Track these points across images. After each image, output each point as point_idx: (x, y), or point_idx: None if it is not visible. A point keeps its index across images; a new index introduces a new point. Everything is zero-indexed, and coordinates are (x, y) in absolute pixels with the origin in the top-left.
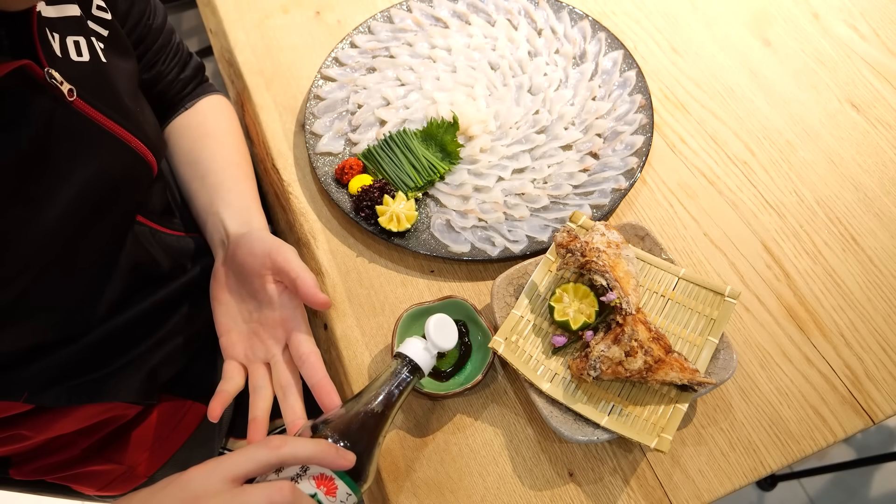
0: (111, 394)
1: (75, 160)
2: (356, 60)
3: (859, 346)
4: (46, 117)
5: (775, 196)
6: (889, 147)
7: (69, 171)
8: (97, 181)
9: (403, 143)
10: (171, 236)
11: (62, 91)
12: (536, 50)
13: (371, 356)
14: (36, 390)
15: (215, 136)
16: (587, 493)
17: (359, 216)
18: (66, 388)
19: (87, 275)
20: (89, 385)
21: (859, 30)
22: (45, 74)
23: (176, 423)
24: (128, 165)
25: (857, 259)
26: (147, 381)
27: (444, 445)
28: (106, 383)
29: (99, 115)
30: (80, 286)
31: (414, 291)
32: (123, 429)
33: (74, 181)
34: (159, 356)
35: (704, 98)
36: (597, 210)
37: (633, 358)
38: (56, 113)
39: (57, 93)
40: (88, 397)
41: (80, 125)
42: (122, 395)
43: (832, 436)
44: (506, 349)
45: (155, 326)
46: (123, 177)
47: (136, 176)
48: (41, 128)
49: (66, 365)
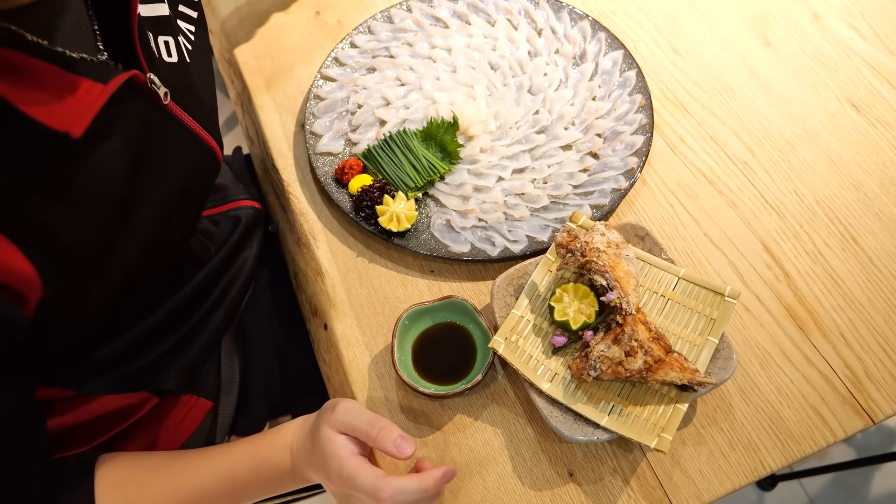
0: (156, 382)
1: (166, 160)
2: (356, 60)
3: (859, 346)
4: (144, 120)
5: (775, 196)
6: (889, 147)
7: (162, 171)
8: (183, 179)
9: (403, 143)
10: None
11: (159, 95)
12: (536, 50)
13: (371, 356)
14: (84, 381)
15: None
16: (587, 493)
17: (359, 216)
18: (112, 378)
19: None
20: (135, 375)
21: (859, 30)
22: (147, 80)
23: (182, 417)
24: (204, 162)
25: (857, 259)
26: (188, 369)
27: (444, 445)
28: (150, 373)
29: (187, 118)
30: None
31: (414, 291)
32: (148, 423)
33: (165, 180)
34: (198, 344)
35: (704, 98)
36: (597, 210)
37: (633, 358)
38: (152, 116)
39: (155, 97)
40: (133, 386)
41: (171, 127)
42: (166, 382)
43: (832, 436)
44: (506, 349)
45: (192, 312)
46: (201, 173)
47: (209, 171)
48: (140, 130)
49: (114, 356)
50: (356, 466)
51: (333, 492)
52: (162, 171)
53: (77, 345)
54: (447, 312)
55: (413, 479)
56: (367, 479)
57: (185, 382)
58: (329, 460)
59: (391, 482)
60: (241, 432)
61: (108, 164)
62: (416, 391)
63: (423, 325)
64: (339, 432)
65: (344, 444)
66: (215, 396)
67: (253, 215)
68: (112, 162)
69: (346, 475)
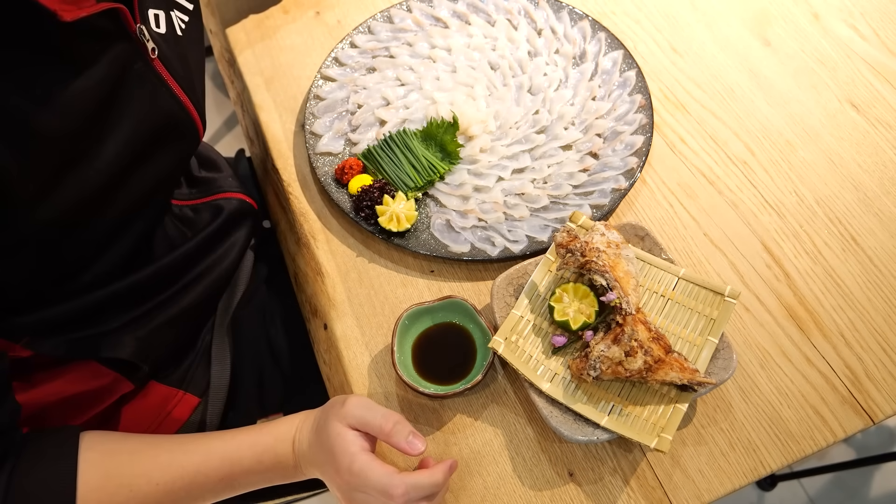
0: (108, 350)
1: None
2: (356, 60)
3: (859, 346)
4: (126, 64)
5: (775, 196)
6: (889, 147)
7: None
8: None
9: (403, 143)
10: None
11: (147, 47)
12: (536, 50)
13: (371, 356)
14: (37, 336)
15: None
16: (587, 493)
17: (359, 216)
18: (65, 339)
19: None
20: (87, 340)
21: (859, 30)
22: (136, 29)
23: (167, 412)
24: (180, 126)
25: (857, 259)
26: (143, 343)
27: (444, 445)
28: (103, 341)
29: (171, 79)
30: (104, 236)
31: (414, 291)
32: (115, 411)
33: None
34: (158, 321)
35: (704, 98)
36: (597, 210)
37: (633, 358)
38: (136, 65)
39: (142, 48)
40: (85, 352)
41: (152, 80)
42: (118, 351)
43: (832, 436)
44: (506, 349)
45: (155, 293)
46: (174, 135)
47: (185, 138)
48: (120, 72)
49: (68, 317)
50: (367, 462)
51: (339, 486)
52: (135, 116)
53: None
54: (447, 312)
55: (424, 474)
56: (378, 476)
57: (141, 355)
58: (339, 456)
59: (404, 479)
60: None
61: (85, 91)
62: (416, 391)
63: (423, 325)
64: (349, 427)
65: (355, 440)
66: (203, 392)
67: (237, 206)
68: (90, 89)
69: (356, 471)
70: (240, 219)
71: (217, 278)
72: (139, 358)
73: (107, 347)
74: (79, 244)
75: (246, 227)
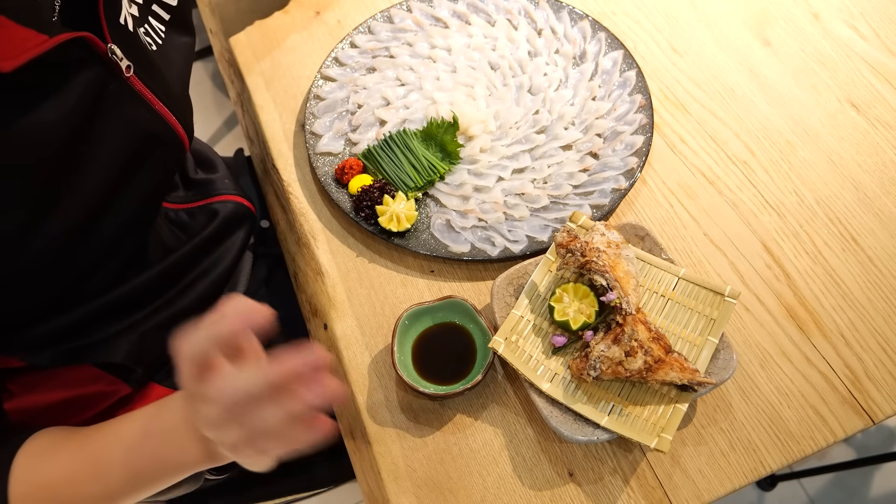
0: (101, 355)
1: (120, 130)
2: (356, 60)
3: (859, 346)
4: (99, 89)
5: (775, 196)
6: (889, 147)
7: (113, 140)
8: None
9: (403, 143)
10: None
11: (121, 67)
12: (536, 50)
13: (371, 356)
14: (31, 351)
15: None
16: (587, 493)
17: (359, 216)
18: (60, 350)
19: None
20: (82, 349)
21: (859, 30)
22: (107, 50)
23: None
24: (164, 141)
25: (857, 259)
26: (137, 345)
27: (444, 445)
28: (98, 347)
29: (149, 94)
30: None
31: (414, 291)
32: (114, 413)
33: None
34: (151, 325)
35: (704, 98)
36: (597, 210)
37: (633, 358)
38: (110, 86)
39: (115, 67)
40: (80, 358)
41: (129, 98)
42: (111, 355)
43: (832, 436)
44: (506, 349)
45: (152, 299)
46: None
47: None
48: (97, 96)
49: (63, 330)
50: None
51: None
52: (113, 139)
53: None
54: (447, 312)
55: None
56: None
57: (134, 358)
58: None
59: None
60: None
61: (55, 119)
62: (416, 391)
63: (423, 325)
64: None
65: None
66: None
67: (234, 210)
68: (60, 118)
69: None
70: (236, 222)
71: (213, 281)
72: (132, 361)
73: (100, 353)
74: (71, 266)
75: (242, 230)
